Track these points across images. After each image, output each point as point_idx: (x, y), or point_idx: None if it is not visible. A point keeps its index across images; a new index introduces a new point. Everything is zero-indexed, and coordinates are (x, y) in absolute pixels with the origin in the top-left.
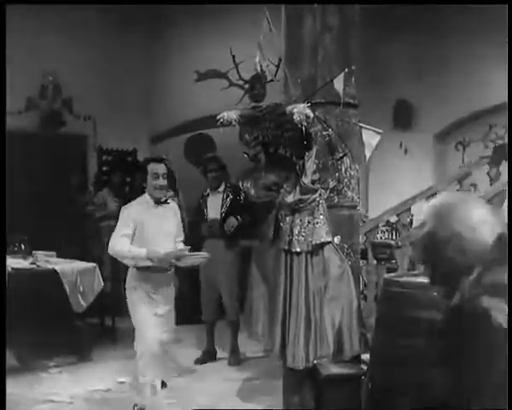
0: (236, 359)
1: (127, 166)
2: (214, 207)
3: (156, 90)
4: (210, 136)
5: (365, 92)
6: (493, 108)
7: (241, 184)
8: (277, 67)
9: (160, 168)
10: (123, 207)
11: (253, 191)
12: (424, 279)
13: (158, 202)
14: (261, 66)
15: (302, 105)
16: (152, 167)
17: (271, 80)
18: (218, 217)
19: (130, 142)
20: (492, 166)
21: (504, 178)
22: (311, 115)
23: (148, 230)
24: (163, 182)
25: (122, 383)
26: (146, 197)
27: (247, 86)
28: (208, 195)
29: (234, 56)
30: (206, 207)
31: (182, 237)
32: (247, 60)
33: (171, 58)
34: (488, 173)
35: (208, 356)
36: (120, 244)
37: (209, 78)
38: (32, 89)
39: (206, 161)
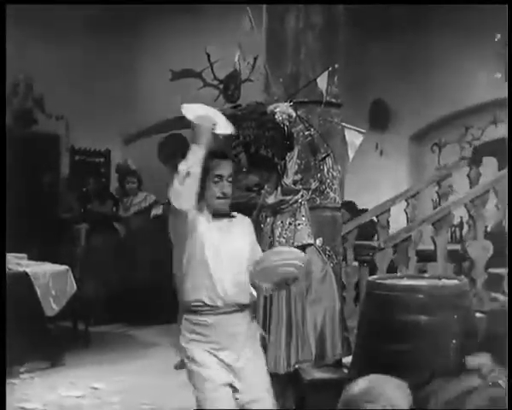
0: None
1: (98, 167)
2: None
3: (129, 89)
4: (184, 136)
5: (344, 92)
6: (469, 109)
7: None
8: (253, 66)
9: (226, 167)
10: None
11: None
12: (409, 282)
13: (217, 214)
14: (240, 65)
15: (284, 104)
16: (215, 166)
17: (247, 80)
18: None
19: (102, 142)
20: (473, 166)
21: (485, 179)
22: (294, 115)
23: (207, 249)
24: (228, 189)
25: (96, 388)
26: (203, 206)
27: (221, 86)
28: None
29: (209, 55)
30: None
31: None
32: (224, 59)
33: (144, 57)
34: (468, 175)
35: None
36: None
37: (183, 77)
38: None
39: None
